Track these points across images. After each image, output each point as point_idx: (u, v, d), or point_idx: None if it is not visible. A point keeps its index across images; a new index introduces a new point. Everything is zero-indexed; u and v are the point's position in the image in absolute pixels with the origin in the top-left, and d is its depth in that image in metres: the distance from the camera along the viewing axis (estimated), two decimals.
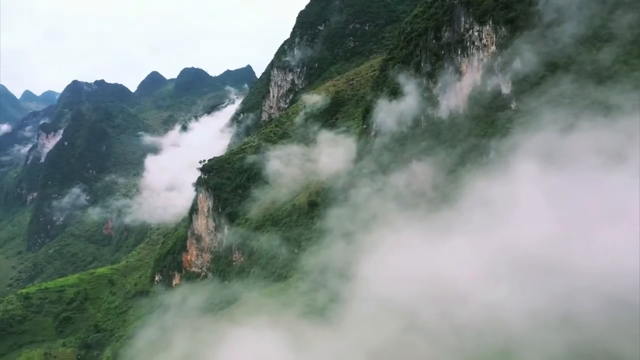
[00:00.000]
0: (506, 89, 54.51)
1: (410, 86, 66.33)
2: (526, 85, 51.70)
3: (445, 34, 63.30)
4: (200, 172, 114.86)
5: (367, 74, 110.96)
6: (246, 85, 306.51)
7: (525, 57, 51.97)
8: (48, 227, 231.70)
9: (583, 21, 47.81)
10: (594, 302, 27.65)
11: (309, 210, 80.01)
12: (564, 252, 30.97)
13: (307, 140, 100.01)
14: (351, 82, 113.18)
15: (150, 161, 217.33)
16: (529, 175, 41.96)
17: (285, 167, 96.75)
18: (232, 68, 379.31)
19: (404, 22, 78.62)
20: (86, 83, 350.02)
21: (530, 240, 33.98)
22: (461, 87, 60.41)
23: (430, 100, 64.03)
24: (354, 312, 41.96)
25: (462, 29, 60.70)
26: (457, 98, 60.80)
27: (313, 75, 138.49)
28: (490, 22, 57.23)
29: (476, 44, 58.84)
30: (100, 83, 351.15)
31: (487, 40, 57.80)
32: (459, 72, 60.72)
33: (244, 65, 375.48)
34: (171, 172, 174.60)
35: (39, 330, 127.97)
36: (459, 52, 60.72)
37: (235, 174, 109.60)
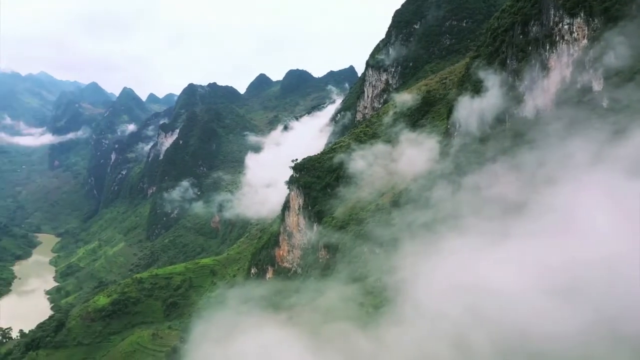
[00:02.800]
0: (597, 86, 50.44)
1: (494, 84, 63.54)
2: (619, 81, 47.48)
3: (533, 29, 59.73)
4: (292, 171, 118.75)
5: (461, 72, 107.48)
6: (347, 85, 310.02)
7: (619, 50, 47.66)
8: (164, 219, 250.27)
9: None
10: None
11: (392, 210, 79.63)
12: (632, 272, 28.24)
13: (395, 141, 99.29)
14: (444, 81, 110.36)
15: (250, 159, 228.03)
16: (616, 183, 38.62)
17: (371, 167, 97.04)
18: (336, 69, 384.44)
19: (492, 17, 75.27)
20: (200, 86, 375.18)
21: (599, 254, 31.38)
22: (548, 85, 56.77)
23: (515, 98, 60.86)
24: (398, 319, 41.45)
25: (551, 23, 56.97)
26: (543, 96, 57.27)
27: (407, 75, 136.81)
28: (582, 14, 53.17)
29: (566, 37, 54.95)
30: (213, 85, 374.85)
31: (577, 34, 53.77)
32: (546, 69, 57.08)
33: (347, 66, 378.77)
34: (269, 170, 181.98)
35: (149, 312, 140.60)
36: (547, 47, 57.06)
37: (324, 173, 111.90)
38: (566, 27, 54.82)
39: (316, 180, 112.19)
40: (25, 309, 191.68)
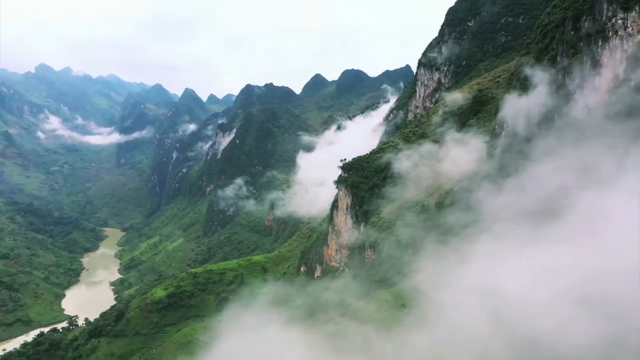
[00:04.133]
0: None
1: (543, 82, 61.27)
2: None
3: (585, 24, 57.10)
4: (341, 170, 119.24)
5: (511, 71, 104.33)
6: (402, 85, 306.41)
7: None
8: (220, 216, 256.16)
9: None
10: None
11: (436, 212, 78.53)
12: None
13: (443, 141, 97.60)
14: (497, 80, 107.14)
15: (302, 158, 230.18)
16: None
17: (418, 168, 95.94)
18: (392, 68, 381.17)
19: (543, 13, 72.36)
20: (257, 86, 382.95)
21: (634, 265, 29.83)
22: (600, 82, 54.15)
23: (564, 97, 58.40)
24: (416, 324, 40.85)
25: (603, 17, 54.29)
26: (595, 94, 54.65)
27: (460, 74, 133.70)
28: (637, 8, 50.41)
29: (619, 33, 52.23)
30: (269, 86, 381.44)
31: (632, 29, 51.02)
32: (598, 65, 54.45)
33: (403, 66, 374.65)
34: (320, 169, 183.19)
35: (203, 306, 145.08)
36: (599, 43, 54.40)
37: (372, 173, 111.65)
38: (620, 21, 52.12)
39: (364, 180, 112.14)
40: (91, 298, 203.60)
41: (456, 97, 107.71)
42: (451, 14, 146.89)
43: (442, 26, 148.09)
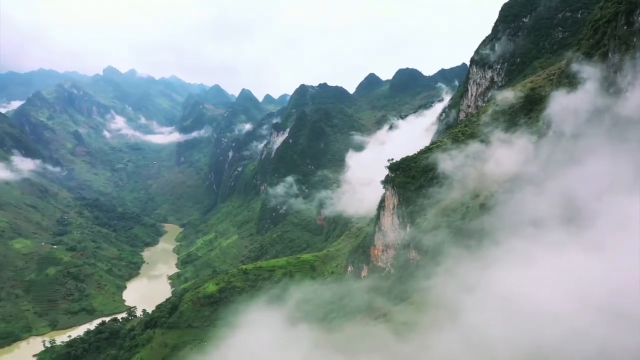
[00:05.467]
0: None
1: (593, 79, 58.61)
2: None
3: (639, 18, 54.16)
4: (388, 170, 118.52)
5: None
6: (457, 83, 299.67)
7: None
8: (273, 214, 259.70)
9: None
10: None
11: (480, 213, 76.79)
12: None
13: (491, 141, 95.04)
14: (551, 78, 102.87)
15: (351, 158, 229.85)
16: None
17: (465, 168, 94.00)
18: (447, 67, 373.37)
19: (596, 7, 68.96)
20: (311, 86, 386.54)
21: None
22: None
23: (615, 94, 55.61)
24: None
25: None
26: None
27: (514, 72, 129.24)
28: None
29: None
30: (323, 86, 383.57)
31: None
32: None
33: (459, 64, 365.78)
34: (369, 169, 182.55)
35: (252, 302, 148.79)
36: None
37: (419, 173, 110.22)
38: None
39: (411, 180, 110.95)
40: (150, 291, 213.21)
41: (507, 96, 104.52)
42: (505, 10, 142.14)
43: (495, 23, 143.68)
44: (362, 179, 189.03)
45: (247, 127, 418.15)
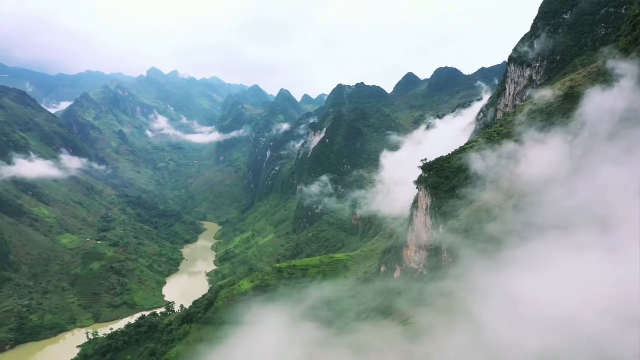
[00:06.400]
0: None
1: (630, 76, 56.68)
2: None
3: None
4: (421, 171, 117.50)
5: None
6: (497, 82, 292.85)
7: None
8: (309, 214, 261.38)
9: None
10: None
11: (513, 215, 75.29)
12: None
13: (527, 141, 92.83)
14: (592, 76, 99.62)
15: (386, 158, 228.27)
16: None
17: (500, 169, 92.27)
18: (488, 65, 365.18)
19: (636, 2, 66.35)
20: (348, 86, 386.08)
21: None
22: None
23: None
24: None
25: None
26: None
27: (554, 70, 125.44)
28: None
29: None
30: (360, 86, 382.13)
31: None
32: None
33: (500, 62, 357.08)
34: (404, 169, 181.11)
35: (285, 300, 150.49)
36: None
37: (453, 174, 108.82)
38: None
39: (444, 180, 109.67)
40: (189, 287, 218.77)
41: (545, 95, 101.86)
42: (545, 6, 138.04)
43: (534, 20, 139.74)
44: (397, 179, 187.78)
45: (285, 126, 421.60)
